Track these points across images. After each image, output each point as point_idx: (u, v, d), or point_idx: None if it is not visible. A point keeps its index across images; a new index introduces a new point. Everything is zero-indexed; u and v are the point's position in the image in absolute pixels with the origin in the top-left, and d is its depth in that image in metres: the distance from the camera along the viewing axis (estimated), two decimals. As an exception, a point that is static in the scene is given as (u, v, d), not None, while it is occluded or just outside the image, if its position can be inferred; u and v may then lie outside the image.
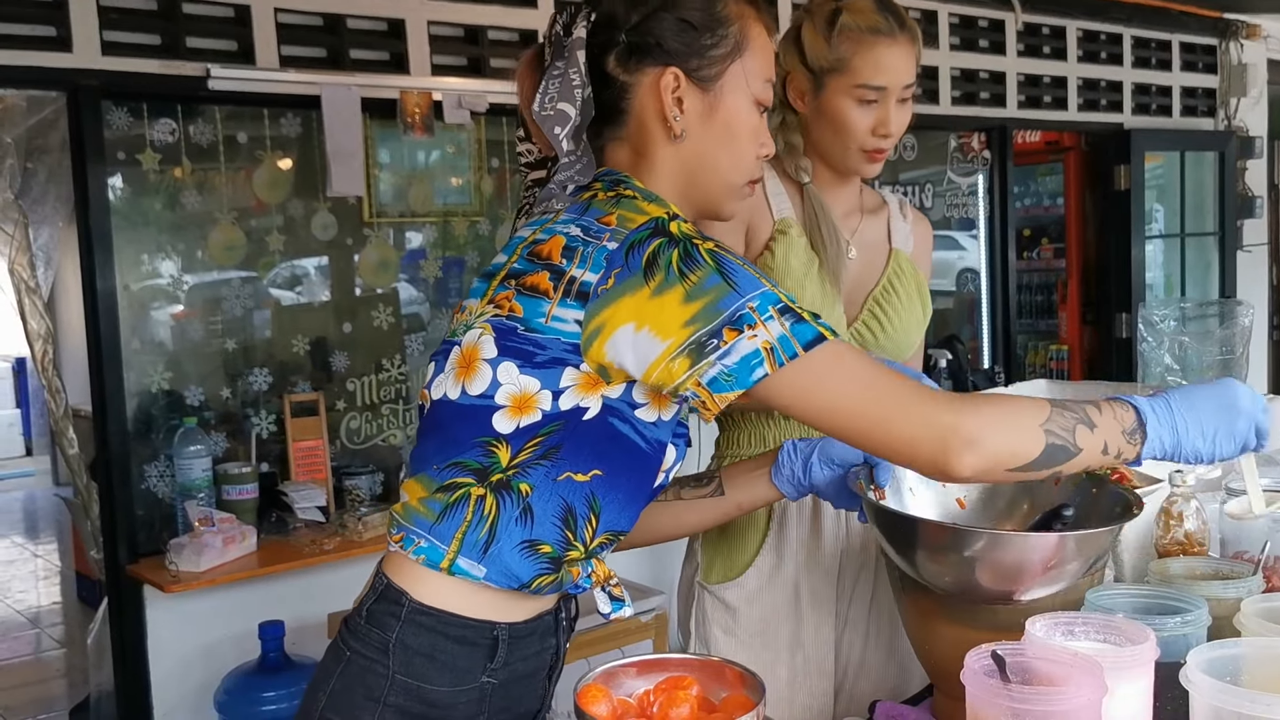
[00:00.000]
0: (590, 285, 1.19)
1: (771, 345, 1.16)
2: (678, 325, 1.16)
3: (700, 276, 1.17)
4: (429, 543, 1.27)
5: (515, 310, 1.22)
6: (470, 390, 1.24)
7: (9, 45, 3.00)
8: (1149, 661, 1.24)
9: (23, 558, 7.11)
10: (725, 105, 1.34)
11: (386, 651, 1.28)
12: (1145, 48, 5.93)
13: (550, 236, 1.24)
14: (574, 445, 1.24)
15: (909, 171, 5.37)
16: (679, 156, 1.34)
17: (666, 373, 1.18)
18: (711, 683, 1.05)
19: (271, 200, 3.61)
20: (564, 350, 1.21)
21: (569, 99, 1.27)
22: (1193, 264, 6.38)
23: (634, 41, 1.31)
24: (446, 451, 1.27)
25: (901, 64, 1.77)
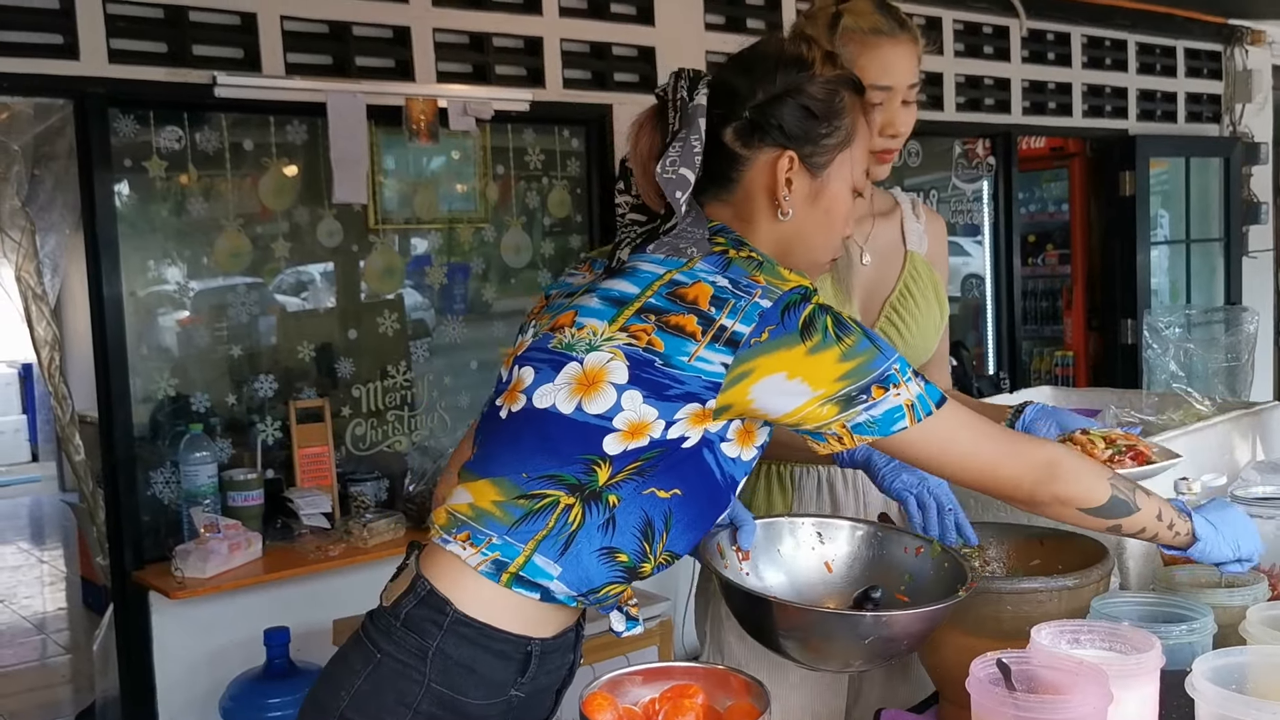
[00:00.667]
0: (742, 335, 1.27)
1: (912, 403, 1.31)
2: (831, 379, 1.28)
3: (853, 341, 1.29)
4: (504, 541, 1.30)
5: (655, 345, 1.28)
6: (588, 409, 1.29)
7: (17, 53, 3.01)
8: (1154, 669, 1.24)
9: (29, 563, 7.12)
10: (830, 191, 1.43)
11: (425, 658, 1.30)
12: (1150, 54, 5.93)
13: (694, 282, 1.30)
14: (666, 467, 1.31)
15: (914, 178, 5.38)
16: (780, 231, 1.42)
17: (814, 415, 1.29)
18: (717, 691, 1.06)
19: (277, 207, 3.62)
20: (701, 386, 1.28)
21: (689, 165, 1.33)
22: (1198, 270, 6.38)
23: (755, 120, 1.38)
24: (541, 461, 1.31)
25: (905, 63, 1.77)
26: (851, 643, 1.35)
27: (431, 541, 1.36)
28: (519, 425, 1.34)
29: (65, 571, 6.66)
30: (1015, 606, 1.44)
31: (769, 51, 1.44)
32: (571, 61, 4.00)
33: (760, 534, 1.55)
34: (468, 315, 4.02)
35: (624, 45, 4.12)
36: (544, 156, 4.12)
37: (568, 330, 1.33)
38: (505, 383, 1.39)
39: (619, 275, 1.35)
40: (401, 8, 3.61)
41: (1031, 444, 1.42)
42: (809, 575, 1.56)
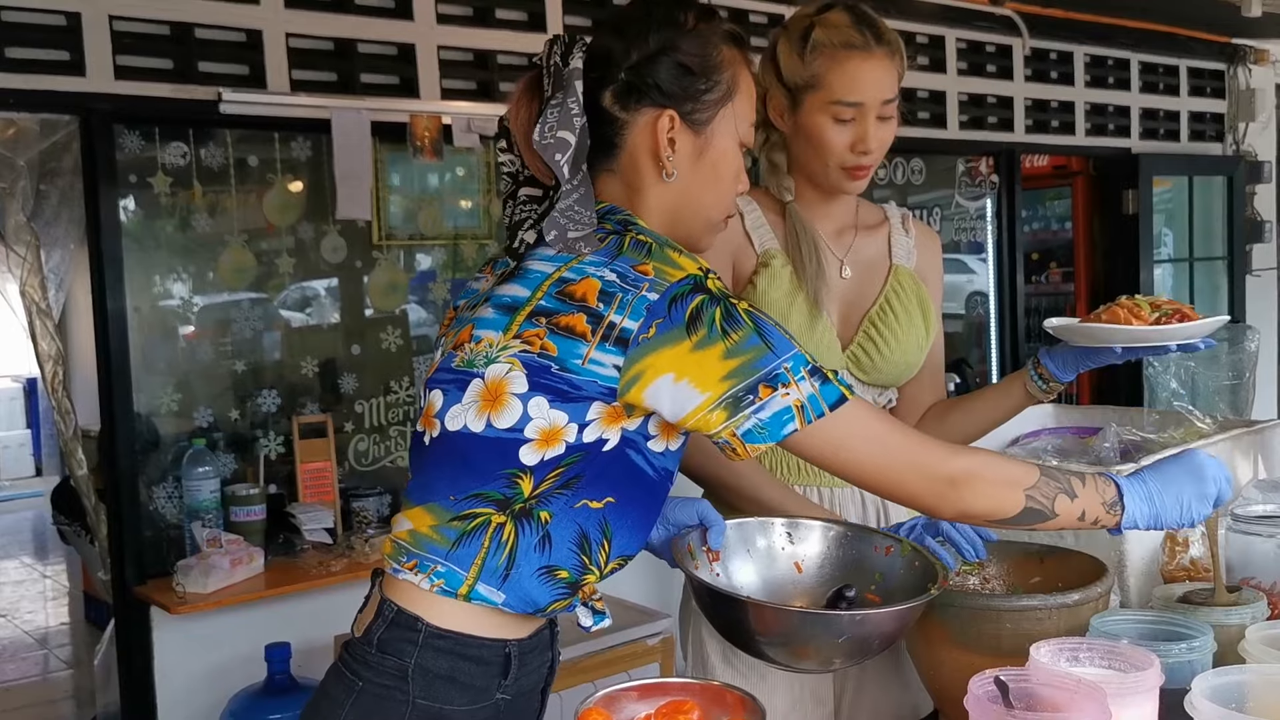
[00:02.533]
0: (631, 333, 1.24)
1: (802, 404, 1.26)
2: (716, 379, 1.24)
3: (741, 336, 1.25)
4: (446, 568, 1.30)
5: (549, 349, 1.26)
6: (497, 423, 1.27)
7: (23, 69, 3.03)
8: (1153, 688, 1.24)
9: (31, 578, 7.12)
10: (714, 147, 1.39)
11: (405, 677, 1.30)
12: (1153, 72, 5.94)
13: (581, 278, 1.28)
14: (592, 474, 1.29)
15: (917, 195, 5.38)
16: (668, 193, 1.39)
17: (704, 422, 1.25)
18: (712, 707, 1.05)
19: (281, 223, 3.63)
20: (599, 391, 1.27)
21: (568, 127, 1.30)
22: (1201, 289, 6.37)
23: (632, 81, 1.35)
24: (465, 482, 1.30)
25: (878, 79, 1.72)
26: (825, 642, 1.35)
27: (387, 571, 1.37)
28: (439, 451, 1.33)
29: (68, 586, 6.66)
30: (1015, 624, 1.44)
31: (641, 11, 1.40)
32: (575, 79, 4.00)
33: (731, 534, 1.54)
34: (471, 331, 4.01)
35: (628, 63, 4.13)
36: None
37: (467, 346, 1.32)
38: (421, 407, 1.38)
39: (512, 279, 1.33)
40: (406, 25, 3.63)
41: (941, 455, 1.34)
42: (779, 575, 1.56)
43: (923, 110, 5.01)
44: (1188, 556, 1.70)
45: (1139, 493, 1.40)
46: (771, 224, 1.82)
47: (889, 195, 5.21)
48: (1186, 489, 1.40)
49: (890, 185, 5.19)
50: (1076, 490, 1.38)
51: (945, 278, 2.03)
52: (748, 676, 1.77)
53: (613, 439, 1.29)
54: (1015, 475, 1.36)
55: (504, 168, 1.43)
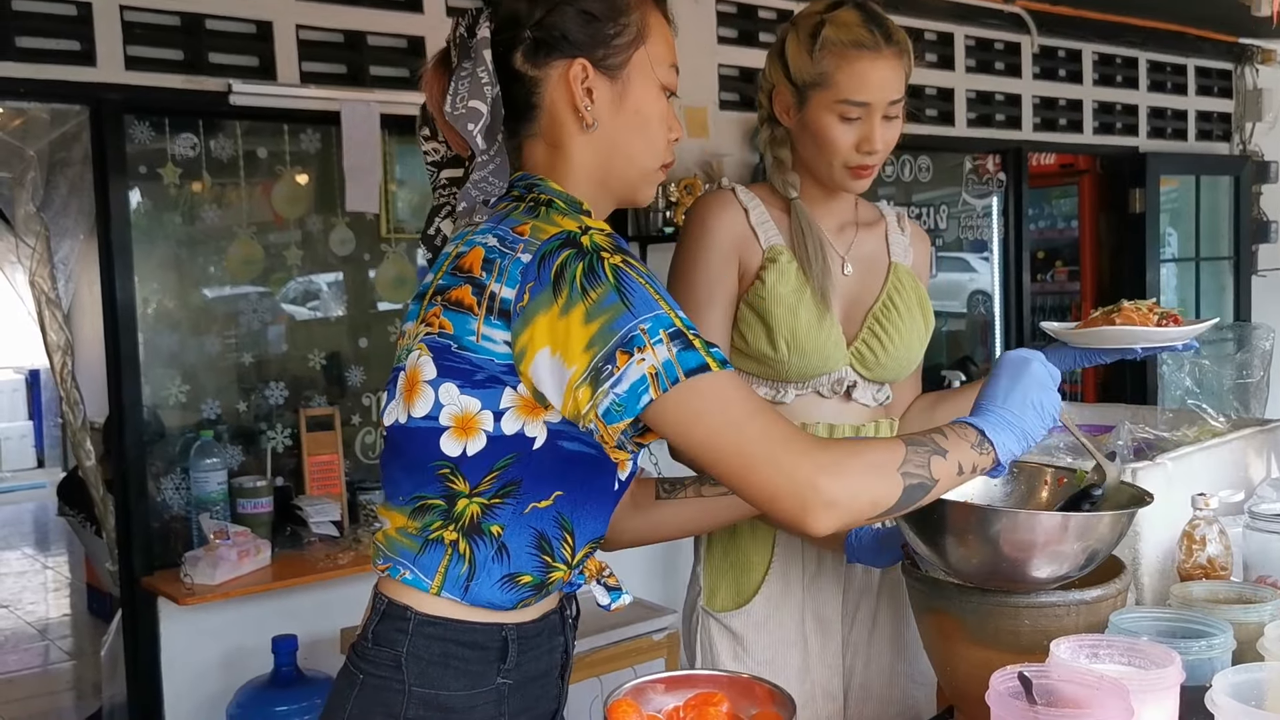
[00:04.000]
0: (510, 303, 1.19)
1: (657, 371, 1.14)
2: (580, 349, 1.15)
3: (599, 294, 1.15)
4: (414, 574, 1.29)
5: (445, 327, 1.23)
6: (415, 413, 1.25)
7: (34, 59, 3.03)
8: (1174, 685, 1.24)
9: (33, 569, 7.12)
10: (634, 92, 1.34)
11: (399, 666, 1.29)
12: (1161, 71, 5.94)
13: (470, 249, 1.24)
14: (532, 477, 1.25)
15: (924, 193, 5.38)
16: (593, 146, 1.34)
17: (574, 403, 1.16)
18: (741, 699, 1.05)
19: (290, 215, 3.63)
20: (500, 370, 1.21)
21: (479, 96, 1.27)
22: (1207, 288, 6.37)
23: (539, 37, 1.31)
24: (407, 481, 1.29)
25: (886, 79, 1.71)
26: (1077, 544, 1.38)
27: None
28: (386, 450, 1.33)
29: (70, 578, 6.66)
30: (1033, 621, 1.43)
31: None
32: (584, 73, 4.00)
33: None
34: (478, 325, 4.01)
35: (637, 57, 4.12)
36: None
37: (400, 345, 1.31)
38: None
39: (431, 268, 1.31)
40: (416, 18, 3.62)
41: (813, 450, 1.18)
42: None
43: (931, 107, 5.01)
44: (1204, 554, 1.69)
45: (996, 421, 1.30)
46: (776, 220, 1.82)
47: (895, 193, 5.21)
48: (1030, 393, 1.31)
49: (897, 182, 5.19)
50: (944, 445, 1.26)
51: (951, 275, 2.05)
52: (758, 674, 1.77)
53: (539, 435, 1.24)
54: (885, 457, 1.23)
55: (427, 157, 1.39)
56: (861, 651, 1.87)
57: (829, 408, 1.81)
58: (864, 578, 1.84)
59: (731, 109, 4.36)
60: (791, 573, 1.82)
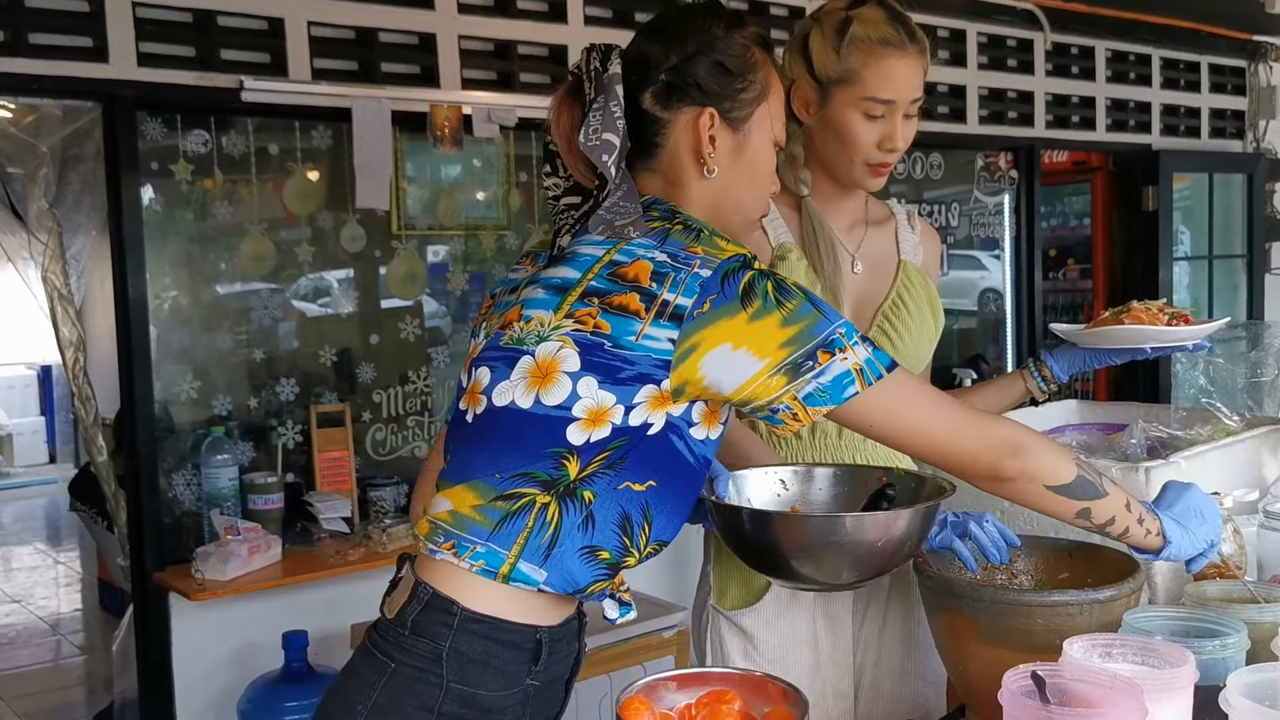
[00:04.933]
0: (685, 308, 1.28)
1: (861, 367, 1.30)
2: (775, 346, 1.28)
3: (795, 305, 1.30)
4: (487, 548, 1.31)
5: (602, 327, 1.29)
6: (546, 400, 1.30)
7: (47, 55, 3.03)
8: (1188, 684, 1.23)
9: (45, 564, 7.15)
10: (752, 144, 1.45)
11: (439, 660, 1.31)
12: (1174, 69, 5.91)
13: (632, 260, 1.32)
14: (637, 457, 1.32)
15: (935, 190, 5.36)
16: (708, 190, 1.44)
17: (764, 387, 1.29)
18: (754, 697, 1.05)
19: (301, 212, 3.63)
20: (652, 366, 1.29)
21: (612, 129, 1.35)
22: (1220, 287, 6.34)
23: (672, 81, 1.40)
24: (511, 460, 1.32)
25: (911, 77, 1.73)
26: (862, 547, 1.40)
27: (421, 552, 1.37)
28: (484, 426, 1.36)
29: (81, 573, 6.69)
30: (1046, 620, 1.43)
31: (676, 18, 1.46)
32: (596, 70, 4.00)
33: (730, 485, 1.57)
34: (488, 322, 4.01)
35: (648, 54, 4.12)
36: (566, 164, 4.12)
37: (516, 325, 1.35)
38: (464, 387, 1.41)
39: (560, 263, 1.36)
40: (427, 15, 3.62)
41: (993, 419, 1.41)
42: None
43: (943, 105, 4.99)
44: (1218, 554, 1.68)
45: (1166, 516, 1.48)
46: (785, 217, 1.82)
47: (907, 190, 5.19)
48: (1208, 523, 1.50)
49: (909, 180, 5.17)
50: (1115, 481, 1.43)
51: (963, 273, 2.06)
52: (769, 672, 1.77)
53: (657, 423, 1.32)
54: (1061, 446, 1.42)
55: (549, 192, 1.46)
56: (872, 649, 1.87)
57: None
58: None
59: (743, 106, 4.34)
60: None
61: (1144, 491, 1.78)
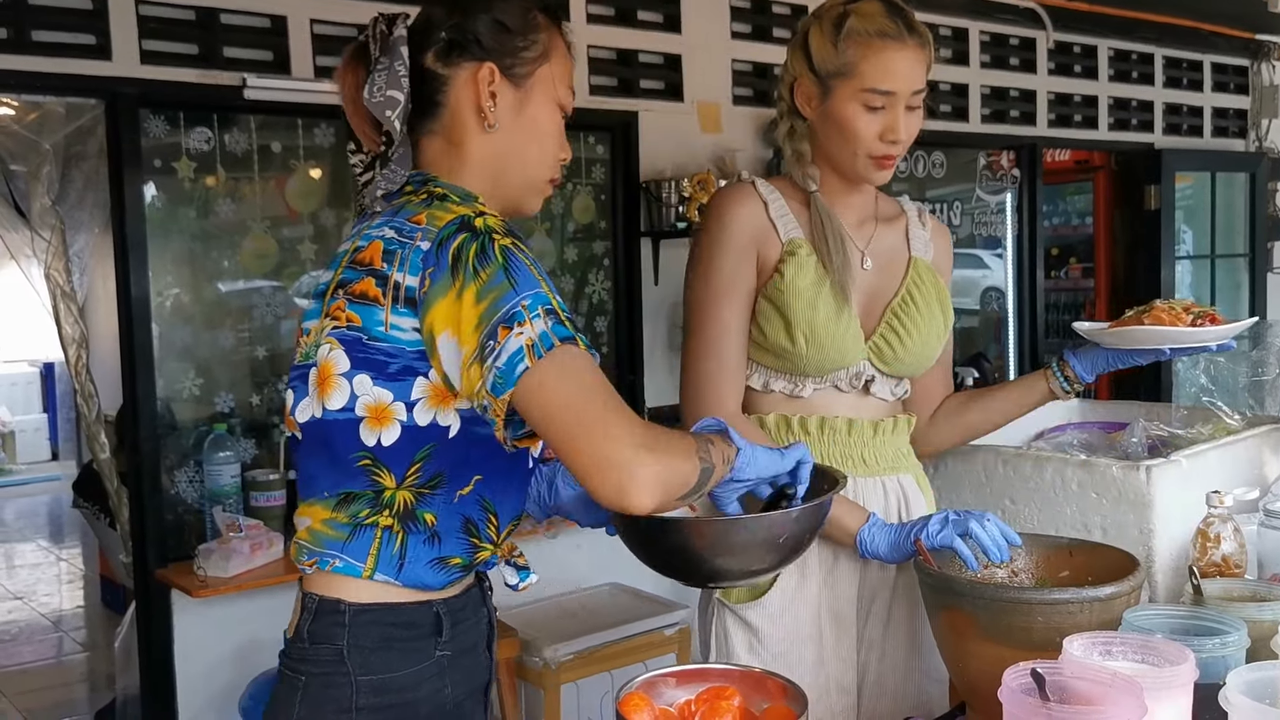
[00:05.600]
0: (414, 290, 1.24)
1: (534, 342, 1.19)
2: (470, 329, 1.21)
3: (489, 273, 1.22)
4: (344, 561, 1.32)
5: (353, 319, 1.28)
6: (330, 405, 1.29)
7: (49, 53, 3.04)
8: (1188, 682, 1.23)
9: (47, 561, 7.16)
10: (534, 102, 1.44)
11: (343, 659, 1.32)
12: (1176, 68, 5.91)
13: (369, 243, 1.31)
14: (452, 465, 1.31)
15: (937, 189, 5.36)
16: (491, 147, 1.42)
17: (469, 382, 1.21)
18: (753, 694, 1.05)
19: (303, 209, 3.63)
20: (412, 359, 1.26)
21: (397, 86, 1.36)
22: (1222, 285, 6.34)
23: (453, 38, 1.40)
24: (330, 476, 1.33)
25: (910, 69, 1.73)
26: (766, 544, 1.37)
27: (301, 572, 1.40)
28: (306, 445, 1.36)
29: (84, 570, 6.69)
30: (1046, 618, 1.43)
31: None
32: (598, 68, 4.00)
33: None
34: (490, 320, 4.02)
35: (651, 53, 4.13)
36: (569, 162, 4.12)
37: (301, 341, 1.38)
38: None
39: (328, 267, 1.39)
40: (430, 12, 3.62)
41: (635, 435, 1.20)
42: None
43: (945, 103, 4.99)
44: (1219, 552, 1.69)
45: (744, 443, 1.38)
46: (795, 213, 1.82)
47: (908, 189, 5.19)
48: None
49: (910, 178, 5.17)
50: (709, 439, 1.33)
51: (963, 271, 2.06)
52: (773, 666, 1.77)
53: (453, 424, 1.29)
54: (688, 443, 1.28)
55: (355, 169, 1.45)
56: (876, 647, 1.87)
57: (846, 402, 1.82)
58: (879, 573, 1.84)
59: (745, 104, 4.35)
60: (808, 566, 1.81)
61: (1145, 491, 1.79)
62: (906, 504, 1.86)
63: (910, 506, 1.86)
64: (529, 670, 3.36)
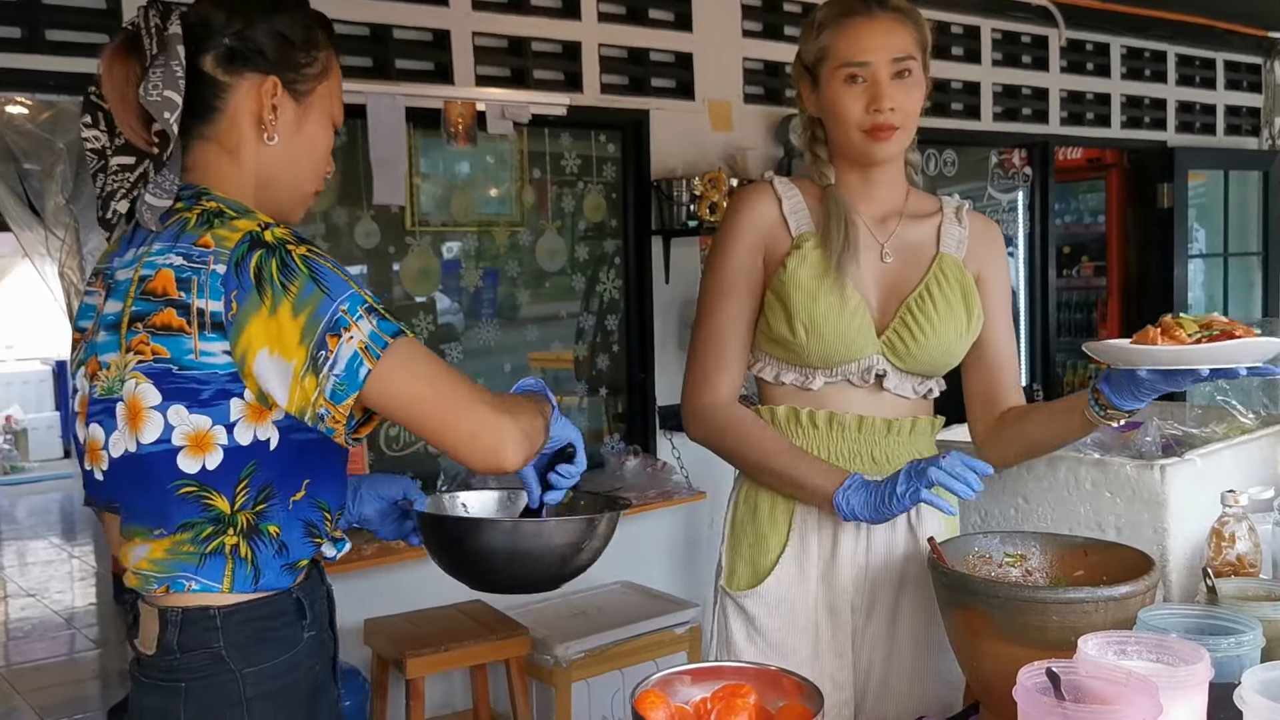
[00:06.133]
0: (220, 314, 1.27)
1: (365, 344, 1.25)
2: (295, 343, 1.25)
3: (298, 286, 1.26)
4: (201, 583, 1.34)
5: (159, 351, 1.29)
6: (144, 440, 1.30)
7: (63, 52, 3.05)
8: (1203, 681, 1.23)
9: (59, 558, 7.19)
10: (312, 118, 1.46)
11: (222, 659, 1.34)
12: (1189, 65, 5.89)
13: (155, 271, 1.30)
14: (280, 476, 1.34)
15: (949, 187, 5.35)
16: (264, 158, 1.43)
17: (302, 394, 1.25)
18: (769, 691, 1.05)
19: (315, 208, 3.64)
20: (225, 382, 1.29)
21: (174, 87, 1.33)
22: (1235, 284, 6.32)
23: (236, 47, 1.39)
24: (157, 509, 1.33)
25: (883, 39, 1.73)
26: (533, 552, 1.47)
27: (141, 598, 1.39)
28: (115, 481, 1.35)
29: (95, 567, 6.72)
30: (1061, 617, 1.42)
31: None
32: (609, 66, 4.01)
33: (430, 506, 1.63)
34: (501, 318, 4.03)
35: (662, 51, 4.13)
36: (580, 161, 4.13)
37: (101, 375, 1.35)
38: (82, 444, 1.39)
39: (109, 296, 1.37)
40: (441, 11, 3.63)
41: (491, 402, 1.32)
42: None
43: (956, 101, 4.98)
44: (1234, 552, 1.68)
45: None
46: (811, 209, 1.82)
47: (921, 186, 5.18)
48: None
49: (922, 176, 5.15)
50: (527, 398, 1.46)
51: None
52: (769, 656, 1.78)
53: (272, 436, 1.32)
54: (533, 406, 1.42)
55: (88, 144, 1.42)
56: (881, 647, 1.84)
57: (859, 397, 1.80)
58: (884, 571, 1.82)
59: (756, 103, 4.35)
60: (807, 557, 1.81)
61: (1159, 490, 1.78)
62: (917, 510, 1.80)
63: (920, 514, 1.81)
64: (540, 668, 3.36)
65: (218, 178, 1.41)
